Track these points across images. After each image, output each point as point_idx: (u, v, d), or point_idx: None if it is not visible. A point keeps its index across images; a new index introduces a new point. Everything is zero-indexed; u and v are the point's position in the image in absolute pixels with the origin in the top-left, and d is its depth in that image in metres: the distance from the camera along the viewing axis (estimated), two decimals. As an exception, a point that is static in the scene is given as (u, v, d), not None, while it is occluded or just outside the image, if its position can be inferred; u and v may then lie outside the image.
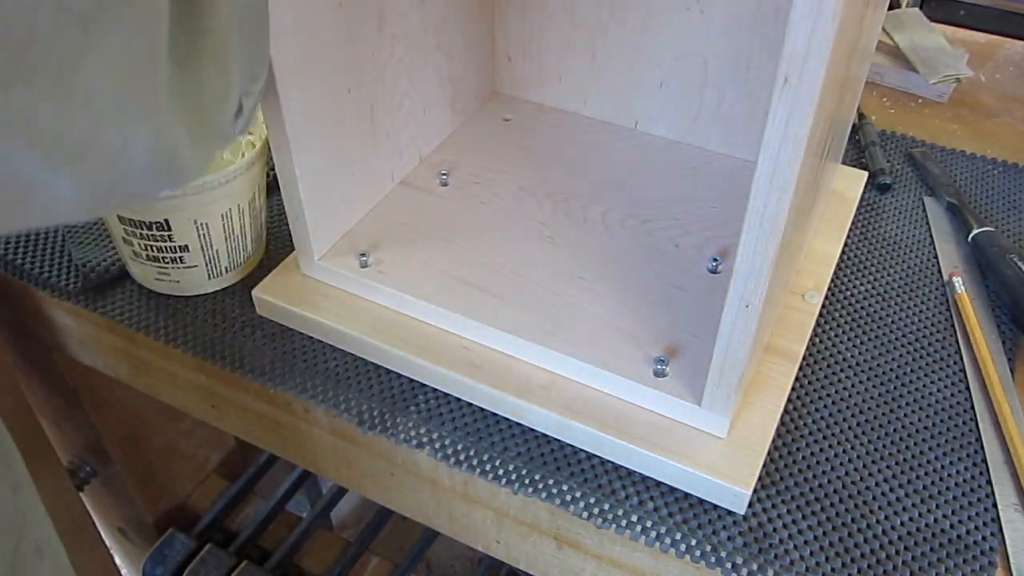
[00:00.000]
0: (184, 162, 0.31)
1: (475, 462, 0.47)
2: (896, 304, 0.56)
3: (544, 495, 0.45)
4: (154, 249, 0.53)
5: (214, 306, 0.56)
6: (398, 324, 0.51)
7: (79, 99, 0.25)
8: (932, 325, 0.55)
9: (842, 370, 0.52)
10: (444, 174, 0.59)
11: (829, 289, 0.56)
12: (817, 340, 0.53)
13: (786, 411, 0.49)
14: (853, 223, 0.61)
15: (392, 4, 0.51)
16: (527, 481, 0.46)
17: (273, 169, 0.50)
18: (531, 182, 0.60)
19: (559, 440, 0.47)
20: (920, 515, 0.45)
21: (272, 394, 0.52)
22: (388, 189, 0.59)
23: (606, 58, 0.62)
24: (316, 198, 0.51)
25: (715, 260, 0.52)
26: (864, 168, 0.67)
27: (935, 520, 0.44)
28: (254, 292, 0.54)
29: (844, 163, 0.67)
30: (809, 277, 0.55)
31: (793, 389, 0.50)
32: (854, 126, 0.72)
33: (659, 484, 0.45)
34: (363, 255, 0.52)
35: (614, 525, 0.44)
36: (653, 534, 0.43)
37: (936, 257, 0.60)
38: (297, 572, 0.87)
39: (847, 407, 0.50)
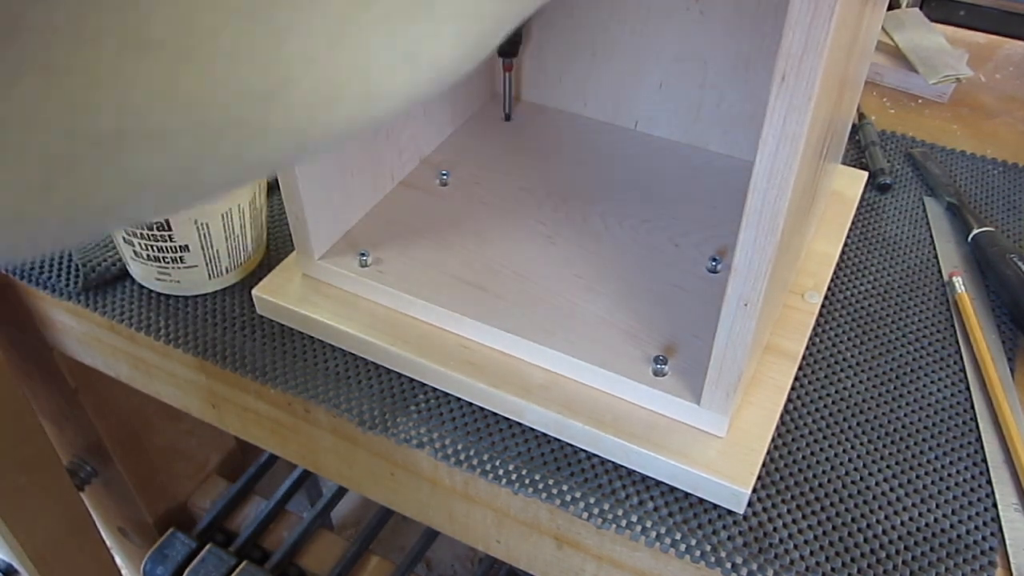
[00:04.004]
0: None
1: (475, 462, 0.47)
2: (896, 304, 0.56)
3: (544, 495, 0.45)
4: (154, 249, 0.53)
5: (214, 306, 0.56)
6: (398, 323, 0.51)
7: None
8: (932, 325, 0.55)
9: (842, 370, 0.52)
10: (444, 174, 0.59)
11: (829, 289, 0.56)
12: (817, 340, 0.53)
13: (786, 410, 0.49)
14: (853, 223, 0.61)
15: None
16: (527, 481, 0.46)
17: (273, 169, 0.50)
18: (531, 182, 0.60)
19: (559, 440, 0.47)
20: (920, 515, 0.44)
21: (272, 394, 0.52)
22: (388, 189, 0.59)
23: (606, 58, 0.62)
24: (316, 198, 0.51)
25: (714, 260, 0.52)
26: (864, 168, 0.67)
27: (935, 520, 0.44)
28: (254, 292, 0.54)
29: (844, 163, 0.67)
30: (809, 277, 0.55)
31: (793, 389, 0.50)
32: (854, 126, 0.72)
33: (659, 484, 0.45)
34: (363, 255, 0.52)
35: (614, 525, 0.44)
36: (653, 534, 0.43)
37: (936, 257, 0.60)
38: (297, 572, 0.87)
39: (847, 407, 0.49)
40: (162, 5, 0.14)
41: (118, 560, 0.91)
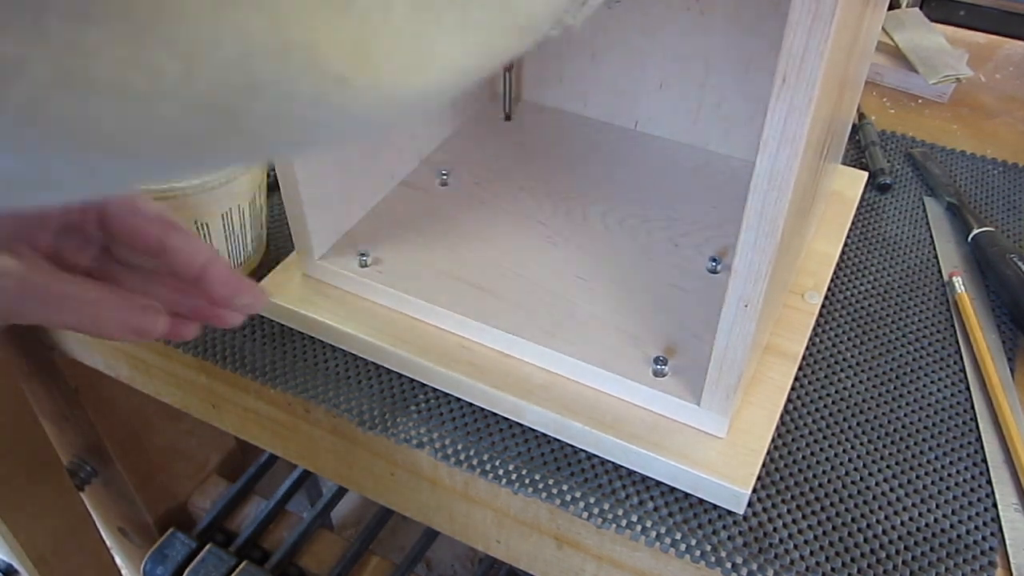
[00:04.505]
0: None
1: (475, 462, 0.47)
2: (896, 304, 0.56)
3: (544, 495, 0.45)
4: (154, 249, 0.53)
5: (214, 306, 0.56)
6: (398, 324, 0.51)
7: None
8: (932, 325, 0.55)
9: (842, 370, 0.52)
10: (444, 174, 0.59)
11: (829, 289, 0.56)
12: (817, 340, 0.53)
13: (786, 411, 0.49)
14: (853, 223, 0.61)
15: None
16: (527, 481, 0.46)
17: (273, 169, 0.50)
18: (531, 182, 0.60)
19: (559, 440, 0.47)
20: (920, 515, 0.45)
21: (272, 394, 0.52)
22: (388, 189, 0.59)
23: (606, 58, 0.62)
24: (316, 198, 0.51)
25: (714, 260, 0.52)
26: (864, 168, 0.67)
27: (935, 520, 0.44)
28: (254, 292, 0.54)
29: (844, 163, 0.67)
30: (809, 277, 0.55)
31: (793, 389, 0.50)
32: (854, 126, 0.72)
33: (659, 484, 0.45)
34: (363, 255, 0.52)
35: (614, 525, 0.44)
36: (653, 534, 0.43)
37: (936, 257, 0.60)
38: (297, 572, 0.87)
39: (847, 407, 0.50)
40: None
41: (118, 560, 0.91)
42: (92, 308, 0.33)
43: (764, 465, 0.46)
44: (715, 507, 0.44)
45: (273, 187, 0.60)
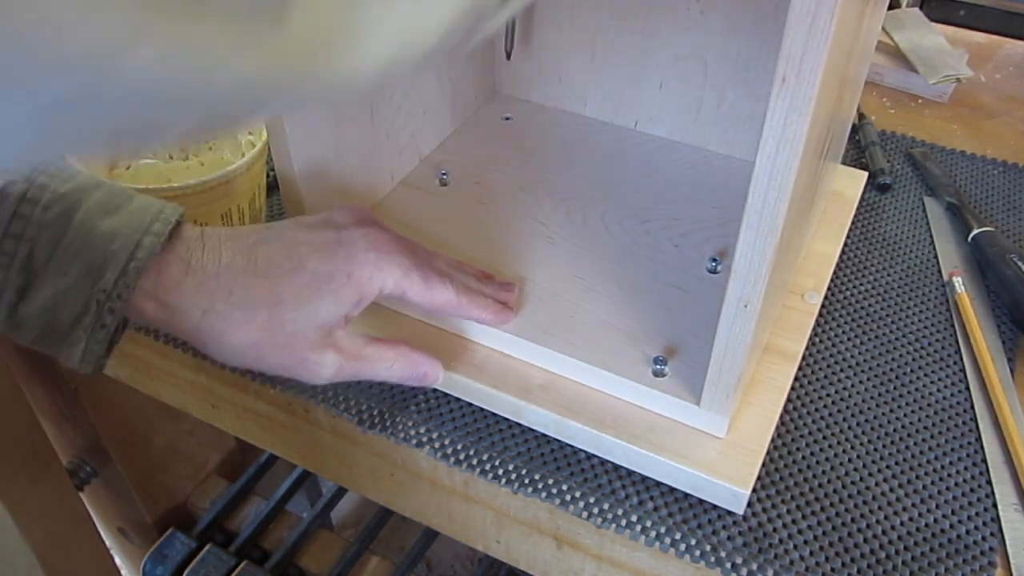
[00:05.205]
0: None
1: (475, 462, 0.47)
2: (896, 304, 0.56)
3: (544, 495, 0.45)
4: (154, 249, 0.53)
5: (214, 306, 0.56)
6: (398, 324, 0.51)
7: None
8: (932, 325, 0.55)
9: (842, 370, 0.52)
10: (444, 174, 0.59)
11: (829, 289, 0.56)
12: (817, 340, 0.53)
13: (785, 411, 0.49)
14: (853, 223, 0.61)
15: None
16: (527, 481, 0.46)
17: (273, 169, 0.50)
18: (531, 182, 0.60)
19: (559, 440, 0.47)
20: (920, 515, 0.45)
21: (272, 394, 0.52)
22: (388, 189, 0.59)
23: (606, 58, 0.62)
24: (316, 198, 0.51)
25: (714, 260, 0.52)
26: (864, 168, 0.67)
27: (935, 520, 0.44)
28: (254, 292, 0.54)
29: (844, 163, 0.67)
30: (809, 277, 0.54)
31: (792, 389, 0.50)
32: (854, 126, 0.72)
33: (659, 484, 0.45)
34: (363, 255, 0.52)
35: (614, 525, 0.44)
36: (653, 534, 0.43)
37: (936, 257, 0.60)
38: (297, 572, 0.87)
39: (847, 407, 0.50)
40: None
41: (118, 560, 0.91)
42: (385, 371, 0.45)
43: (764, 465, 0.46)
44: (715, 507, 0.44)
45: (273, 187, 0.60)
